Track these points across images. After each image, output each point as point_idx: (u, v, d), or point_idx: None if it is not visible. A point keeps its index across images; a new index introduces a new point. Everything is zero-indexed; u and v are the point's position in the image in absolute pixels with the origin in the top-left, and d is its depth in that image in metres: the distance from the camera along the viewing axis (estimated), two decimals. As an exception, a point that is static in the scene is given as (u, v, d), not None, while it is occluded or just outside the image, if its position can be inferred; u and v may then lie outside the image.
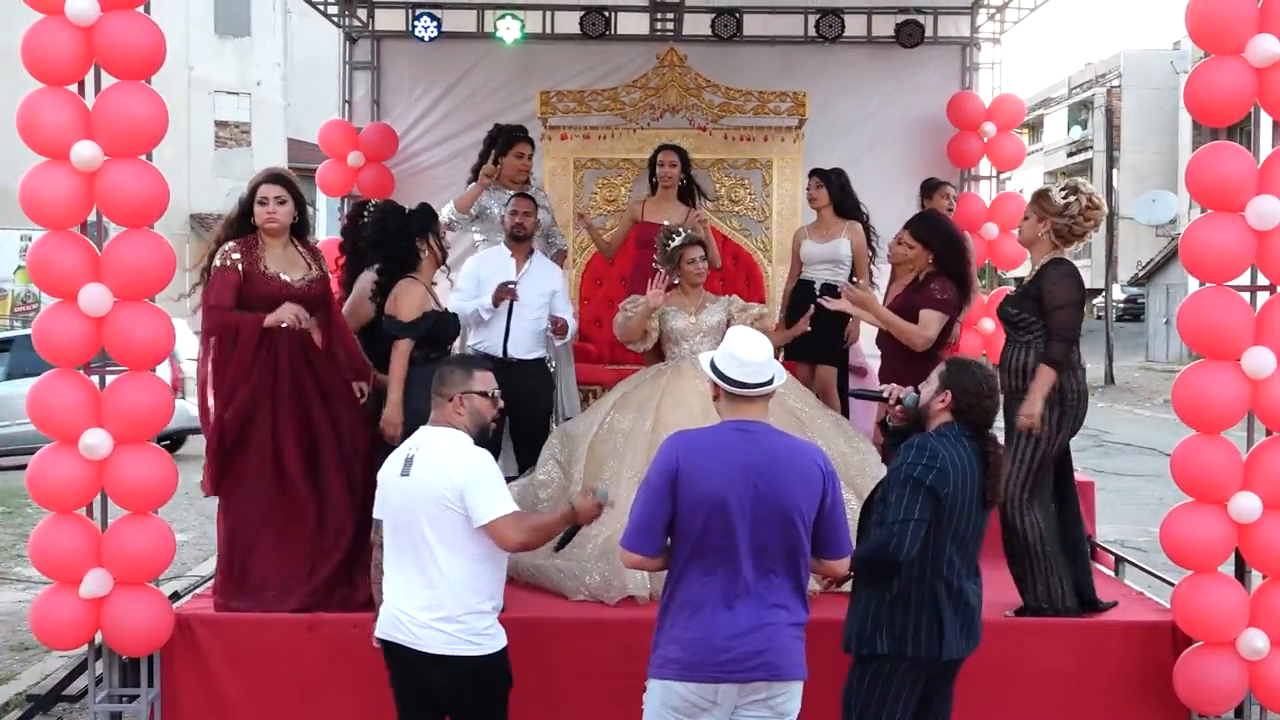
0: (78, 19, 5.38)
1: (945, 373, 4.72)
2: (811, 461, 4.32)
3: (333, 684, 5.85)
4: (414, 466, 4.64)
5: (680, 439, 4.37)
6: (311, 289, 6.12)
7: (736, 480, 4.20)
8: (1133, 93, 47.59)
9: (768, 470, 4.22)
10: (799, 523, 4.23)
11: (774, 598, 4.24)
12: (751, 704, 4.25)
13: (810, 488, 4.26)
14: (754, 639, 4.20)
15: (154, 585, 5.93)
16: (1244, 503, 5.55)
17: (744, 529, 4.19)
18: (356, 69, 10.85)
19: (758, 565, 4.22)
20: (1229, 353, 5.56)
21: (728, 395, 4.36)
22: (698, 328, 6.96)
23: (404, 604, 4.63)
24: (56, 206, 5.50)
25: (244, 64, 34.41)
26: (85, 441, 5.50)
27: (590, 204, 9.40)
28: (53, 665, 7.80)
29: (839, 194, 8.18)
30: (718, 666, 4.20)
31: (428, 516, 4.59)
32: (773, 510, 4.20)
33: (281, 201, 6.07)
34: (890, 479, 4.60)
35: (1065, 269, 5.99)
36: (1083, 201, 5.96)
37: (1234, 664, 5.63)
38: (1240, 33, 5.43)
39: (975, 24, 10.76)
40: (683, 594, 4.27)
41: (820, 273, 8.15)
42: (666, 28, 10.52)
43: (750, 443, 4.27)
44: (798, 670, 4.31)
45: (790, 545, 4.24)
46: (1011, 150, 10.63)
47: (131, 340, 5.58)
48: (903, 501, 4.48)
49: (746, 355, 4.34)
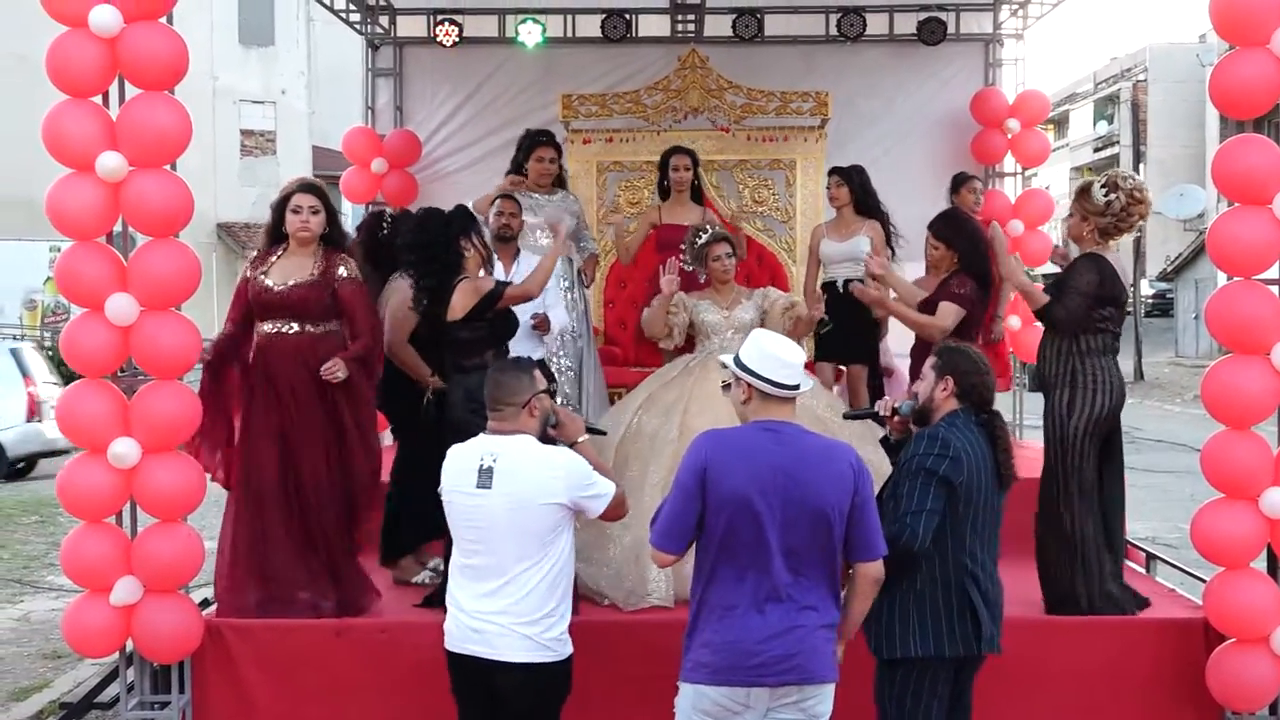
0: (101, 31, 5.41)
1: (938, 362, 4.71)
2: (843, 460, 4.28)
3: (361, 689, 5.87)
4: (495, 479, 4.58)
5: (710, 437, 4.35)
6: (292, 294, 6.09)
7: (765, 480, 4.17)
8: (1159, 87, 47.31)
9: (797, 470, 4.19)
10: (831, 523, 4.19)
11: (805, 599, 4.21)
12: (783, 706, 4.22)
13: (841, 486, 4.22)
14: (785, 642, 4.17)
15: (184, 592, 5.96)
16: (1275, 497, 5.51)
17: (773, 530, 4.16)
18: (379, 76, 10.88)
19: (788, 566, 4.19)
20: (1258, 346, 5.52)
21: (761, 396, 4.32)
22: (730, 323, 6.98)
23: (483, 614, 4.60)
24: (82, 217, 5.53)
25: (268, 73, 34.60)
26: (114, 450, 5.53)
27: (613, 206, 9.39)
28: (85, 673, 7.84)
29: (860, 192, 8.16)
30: (749, 670, 4.18)
31: (517, 526, 4.57)
32: (803, 510, 4.17)
33: (315, 211, 6.13)
34: (901, 471, 4.57)
35: (1091, 262, 5.97)
36: (1123, 199, 5.94)
37: (1268, 660, 5.58)
38: (1266, 24, 5.40)
39: (998, 20, 10.71)
40: (713, 597, 4.25)
41: (841, 271, 8.13)
42: (688, 29, 10.51)
43: (779, 443, 4.25)
44: (829, 672, 4.28)
45: (821, 546, 4.21)
46: (1036, 146, 10.57)
47: (158, 349, 5.61)
48: (914, 493, 4.46)
49: (788, 357, 4.33)
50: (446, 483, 4.75)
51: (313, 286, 6.10)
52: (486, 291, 6.18)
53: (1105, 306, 5.99)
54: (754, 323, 6.98)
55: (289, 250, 6.18)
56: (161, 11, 5.60)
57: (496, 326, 6.27)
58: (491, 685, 4.65)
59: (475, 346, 6.18)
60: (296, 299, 6.09)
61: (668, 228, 8.30)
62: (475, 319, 6.14)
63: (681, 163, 8.39)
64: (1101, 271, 5.95)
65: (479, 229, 6.49)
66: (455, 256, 6.26)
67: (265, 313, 6.14)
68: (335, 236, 6.28)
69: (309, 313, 6.11)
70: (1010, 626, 5.84)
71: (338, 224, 6.32)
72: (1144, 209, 5.98)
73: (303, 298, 6.09)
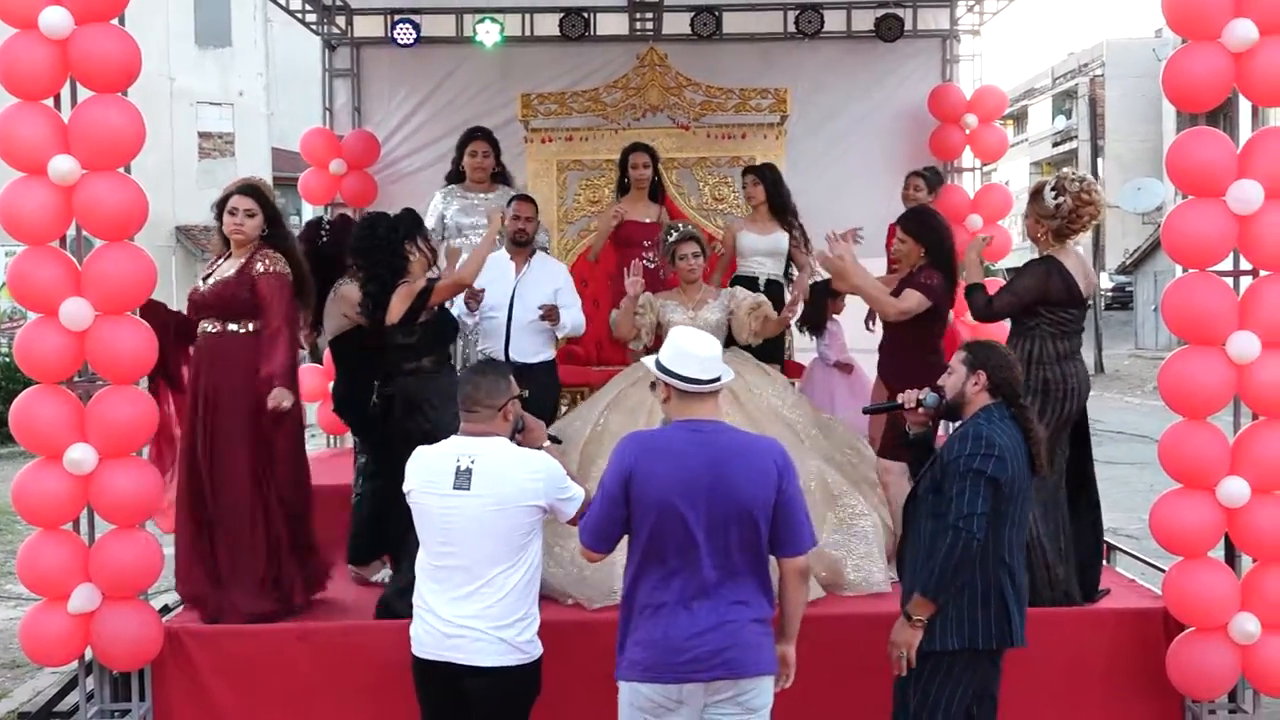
0: (51, 32, 5.36)
1: (969, 357, 4.73)
2: (766, 456, 4.27)
3: (324, 693, 5.85)
4: (474, 480, 4.56)
5: (633, 440, 4.37)
6: (210, 292, 6.13)
7: (687, 480, 4.18)
8: (1116, 81, 47.66)
9: (720, 468, 4.19)
10: (756, 519, 4.20)
11: (735, 595, 4.22)
12: (720, 702, 4.23)
13: (765, 482, 4.22)
14: (715, 637, 4.18)
15: (143, 599, 5.91)
16: (1232, 487, 5.56)
17: (699, 528, 4.16)
18: (337, 76, 10.84)
19: (716, 564, 4.19)
20: (1213, 338, 5.57)
21: (679, 394, 4.32)
22: (696, 323, 6.94)
23: (459, 619, 4.58)
24: (35, 221, 5.48)
25: (226, 74, 34.31)
26: (70, 456, 5.49)
27: (574, 205, 9.38)
28: (44, 682, 7.77)
29: (773, 190, 8.09)
30: (679, 666, 4.19)
31: (494, 528, 4.55)
32: (728, 508, 4.17)
33: (250, 214, 6.14)
34: (949, 472, 4.55)
35: (1040, 265, 6.03)
36: (1070, 201, 5.97)
37: (1226, 649, 5.63)
38: (1217, 17, 5.44)
39: (954, 16, 10.78)
40: (642, 596, 4.27)
41: (763, 265, 8.06)
42: (646, 27, 10.52)
43: (702, 442, 4.24)
44: (764, 666, 4.28)
45: (749, 542, 4.21)
46: (993, 141, 10.64)
47: (114, 354, 5.56)
48: (965, 494, 4.48)
49: (700, 352, 4.31)
50: (415, 484, 4.71)
51: (228, 284, 6.11)
52: (418, 291, 6.16)
53: (1063, 308, 6.01)
54: (720, 323, 7.01)
55: (233, 253, 6.22)
56: (113, 13, 5.55)
57: (433, 330, 6.25)
58: (461, 690, 4.62)
59: (412, 351, 6.18)
60: (215, 297, 6.12)
61: (627, 225, 8.31)
62: (410, 322, 6.13)
63: (640, 160, 8.40)
64: (1049, 278, 5.97)
65: (424, 232, 6.48)
66: (400, 261, 6.25)
67: (196, 312, 6.20)
68: (276, 238, 6.25)
69: (230, 311, 6.11)
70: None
71: (279, 225, 6.30)
72: (1094, 209, 6.02)
73: (218, 294, 6.11)
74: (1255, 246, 5.56)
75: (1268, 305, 5.53)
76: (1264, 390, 5.56)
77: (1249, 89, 5.58)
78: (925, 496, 4.62)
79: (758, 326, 7.10)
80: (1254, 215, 5.46)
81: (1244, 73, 5.49)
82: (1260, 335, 5.50)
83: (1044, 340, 5.99)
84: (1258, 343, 5.49)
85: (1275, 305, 5.53)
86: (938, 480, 4.60)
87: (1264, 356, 5.51)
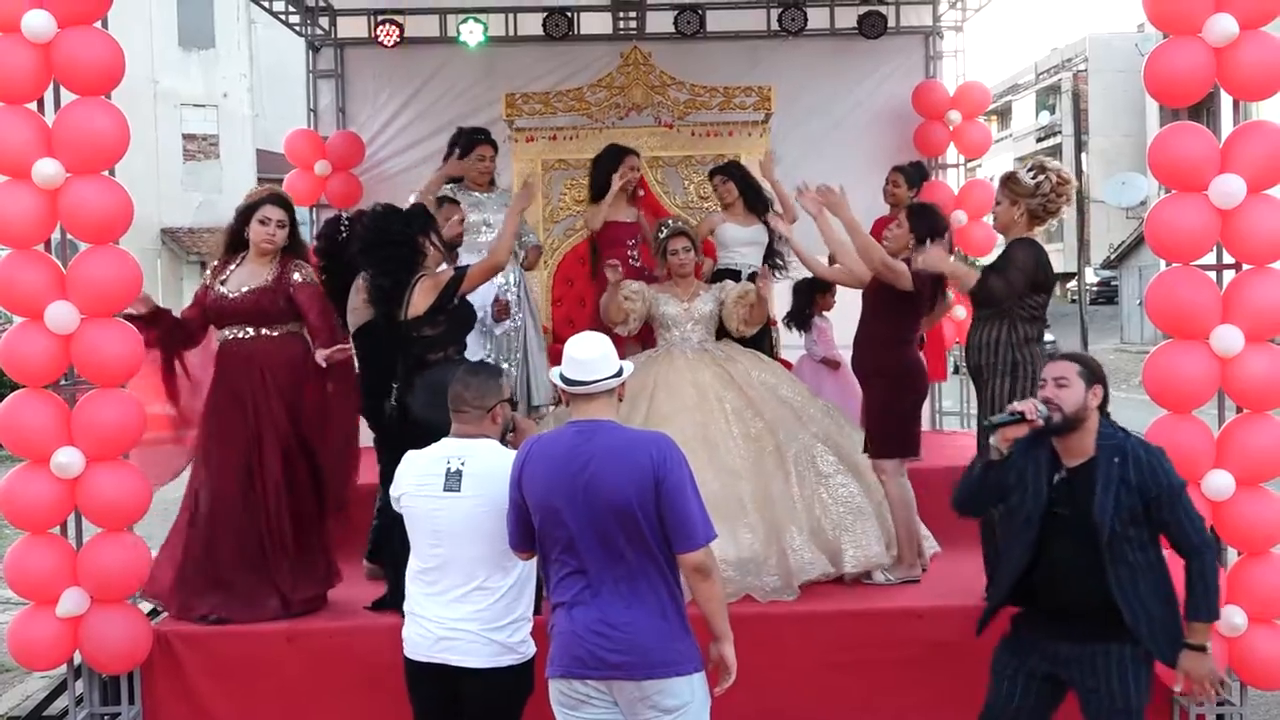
0: (34, 36, 5.35)
1: (1085, 371, 4.70)
2: (643, 453, 4.21)
3: (314, 694, 5.85)
4: (465, 482, 4.57)
5: (528, 443, 4.41)
6: (245, 300, 6.17)
7: (565, 481, 4.20)
8: (1099, 77, 47.80)
9: (595, 467, 4.19)
10: (636, 515, 4.15)
11: (632, 595, 4.19)
12: (634, 701, 4.22)
13: (639, 479, 4.16)
14: (614, 638, 4.16)
15: (132, 602, 5.90)
16: (1217, 480, 5.59)
17: (577, 528, 4.18)
18: (321, 77, 10.82)
19: (607, 564, 4.19)
20: (1197, 332, 5.59)
21: (571, 397, 4.37)
22: (690, 315, 7.14)
23: (452, 621, 4.59)
24: (19, 225, 5.47)
25: (210, 76, 34.25)
26: (57, 460, 5.48)
27: (559, 205, 9.37)
28: (33, 686, 7.76)
29: (743, 185, 8.11)
30: (582, 662, 4.21)
31: (485, 531, 4.55)
32: (605, 505, 4.16)
33: (282, 225, 6.25)
34: (1166, 499, 4.55)
35: (1027, 244, 6.00)
36: (1052, 179, 5.98)
37: (1214, 641, 5.65)
38: (1198, 13, 5.47)
39: (937, 13, 10.79)
40: (551, 593, 4.33)
41: (745, 256, 8.09)
42: (630, 26, 10.52)
43: (584, 441, 4.26)
44: (669, 666, 4.20)
45: (636, 539, 4.17)
46: (977, 137, 10.67)
47: (100, 357, 5.56)
48: (1190, 511, 4.61)
49: (578, 354, 4.34)
50: (405, 487, 4.72)
51: (266, 291, 6.18)
52: (447, 281, 6.13)
53: (1039, 294, 6.02)
54: (713, 314, 7.19)
55: (248, 258, 6.26)
56: (96, 15, 5.55)
57: (457, 319, 6.23)
58: (454, 691, 4.64)
59: (437, 342, 6.14)
60: (250, 304, 6.17)
61: (611, 226, 8.34)
62: (438, 312, 6.10)
63: (636, 164, 8.45)
64: (1038, 255, 5.98)
65: (436, 226, 6.44)
66: (414, 255, 6.19)
67: (221, 319, 6.23)
68: (294, 248, 6.36)
69: (265, 318, 6.19)
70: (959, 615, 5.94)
71: (298, 236, 6.41)
72: (1069, 189, 6.02)
73: (256, 303, 6.17)
74: (1238, 240, 5.58)
75: (1251, 299, 5.56)
76: (1248, 383, 5.59)
77: (1230, 84, 5.60)
78: (1123, 534, 4.54)
79: (745, 313, 7.17)
80: (1236, 209, 5.49)
81: (1225, 67, 5.51)
82: (1244, 329, 5.52)
83: (1014, 323, 5.98)
84: (1241, 336, 5.52)
85: (1258, 299, 5.56)
86: (1137, 513, 4.54)
87: (1247, 350, 5.54)
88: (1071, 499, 4.62)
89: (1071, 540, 4.61)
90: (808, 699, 5.90)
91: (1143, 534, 4.58)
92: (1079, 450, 4.65)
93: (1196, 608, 4.56)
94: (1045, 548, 4.68)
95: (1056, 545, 4.66)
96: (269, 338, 6.22)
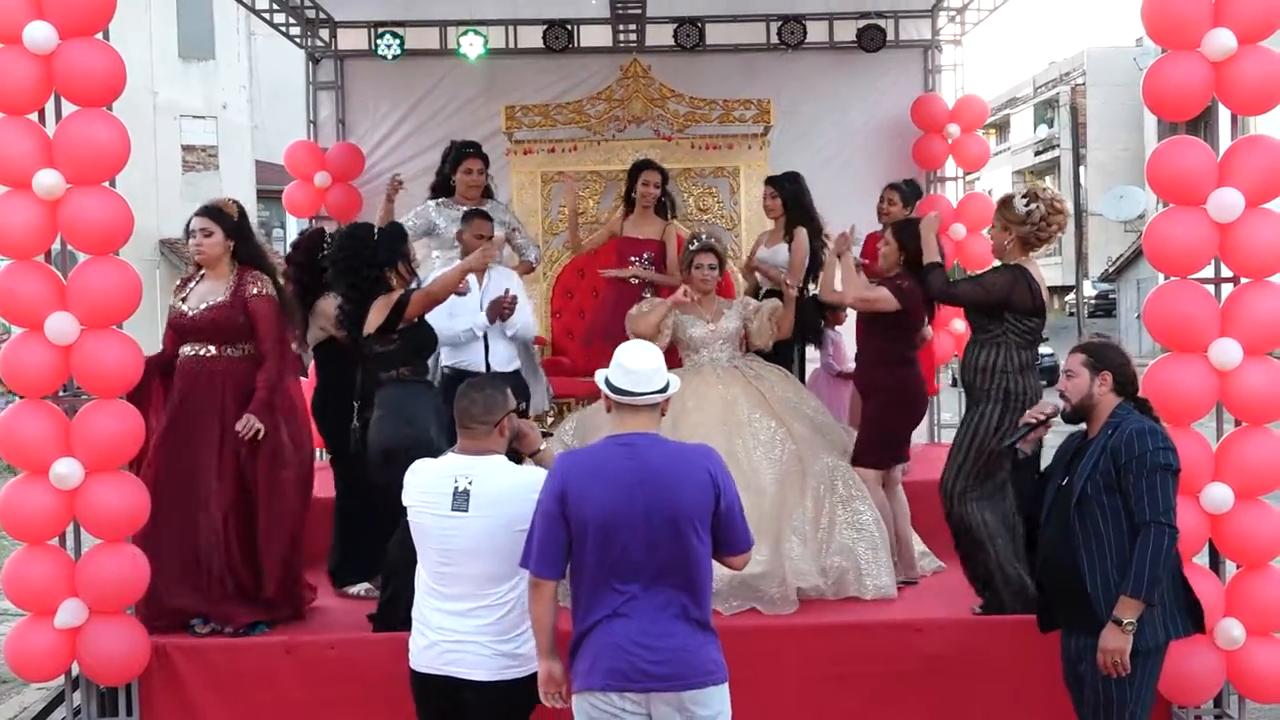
0: (36, 47, 5.36)
1: (1089, 360, 4.84)
2: (700, 467, 4.27)
3: (312, 707, 5.83)
4: (473, 502, 4.56)
5: (566, 460, 4.39)
6: (203, 317, 6.12)
7: (622, 496, 4.19)
8: (1097, 90, 47.85)
9: (654, 482, 4.20)
10: (692, 531, 4.19)
11: (674, 608, 4.22)
12: (670, 713, 4.22)
13: (701, 493, 4.23)
14: (657, 650, 4.18)
15: (130, 613, 5.89)
16: (1216, 493, 5.59)
17: (636, 544, 4.17)
18: (321, 89, 10.84)
19: (656, 577, 4.20)
20: (1195, 345, 5.60)
21: (617, 406, 4.35)
22: (717, 334, 7.09)
23: (458, 634, 4.60)
24: (20, 236, 5.47)
25: (210, 87, 34.23)
26: (56, 471, 5.47)
27: (558, 218, 9.38)
28: (31, 698, 7.73)
29: (790, 201, 8.08)
30: (624, 675, 4.19)
31: (493, 548, 4.56)
32: (663, 521, 4.17)
33: (207, 234, 6.15)
34: (1132, 469, 4.62)
35: (1010, 271, 6.01)
36: (1043, 209, 5.98)
37: (1211, 654, 5.65)
38: (1196, 27, 5.48)
39: (936, 27, 10.82)
40: (588, 610, 4.28)
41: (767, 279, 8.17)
42: (629, 39, 10.55)
43: (633, 456, 4.25)
44: (707, 676, 4.25)
45: (684, 554, 4.20)
46: (976, 151, 10.70)
47: (100, 368, 5.56)
48: (1157, 490, 4.60)
49: (632, 364, 4.33)
50: (414, 500, 4.71)
51: (223, 308, 6.13)
52: (395, 301, 6.12)
53: (1032, 318, 6.03)
54: (739, 331, 7.14)
55: (205, 274, 6.23)
56: (98, 27, 5.56)
57: (411, 339, 6.21)
58: (459, 702, 4.64)
59: (388, 360, 6.13)
60: (207, 322, 6.12)
61: (627, 241, 8.35)
62: (388, 331, 6.10)
63: (653, 179, 8.45)
64: (1015, 283, 5.97)
65: (407, 251, 6.37)
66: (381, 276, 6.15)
67: (183, 337, 6.18)
68: (246, 254, 6.28)
69: (225, 335, 6.14)
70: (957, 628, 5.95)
71: (247, 241, 6.31)
72: (1063, 219, 6.04)
73: (212, 320, 6.12)
74: (1236, 254, 5.59)
75: (1249, 312, 5.57)
76: (1246, 397, 5.60)
77: (1228, 98, 5.61)
78: (1095, 498, 4.67)
79: (775, 331, 7.18)
80: (1234, 223, 5.50)
81: (1223, 81, 5.53)
82: (1242, 342, 5.53)
83: (1009, 349, 6.00)
84: (1239, 350, 5.52)
85: (1256, 312, 5.57)
86: (1110, 479, 4.65)
87: (1245, 363, 5.54)
88: (1070, 471, 4.83)
89: (1061, 513, 4.78)
90: (805, 712, 5.90)
91: (1117, 504, 4.66)
92: (1094, 430, 4.86)
93: (1128, 581, 4.59)
94: (1047, 527, 4.87)
95: (1052, 522, 4.84)
96: (230, 358, 6.15)
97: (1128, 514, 4.65)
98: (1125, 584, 4.58)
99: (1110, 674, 4.63)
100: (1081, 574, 4.68)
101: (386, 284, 6.16)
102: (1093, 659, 4.66)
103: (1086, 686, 4.77)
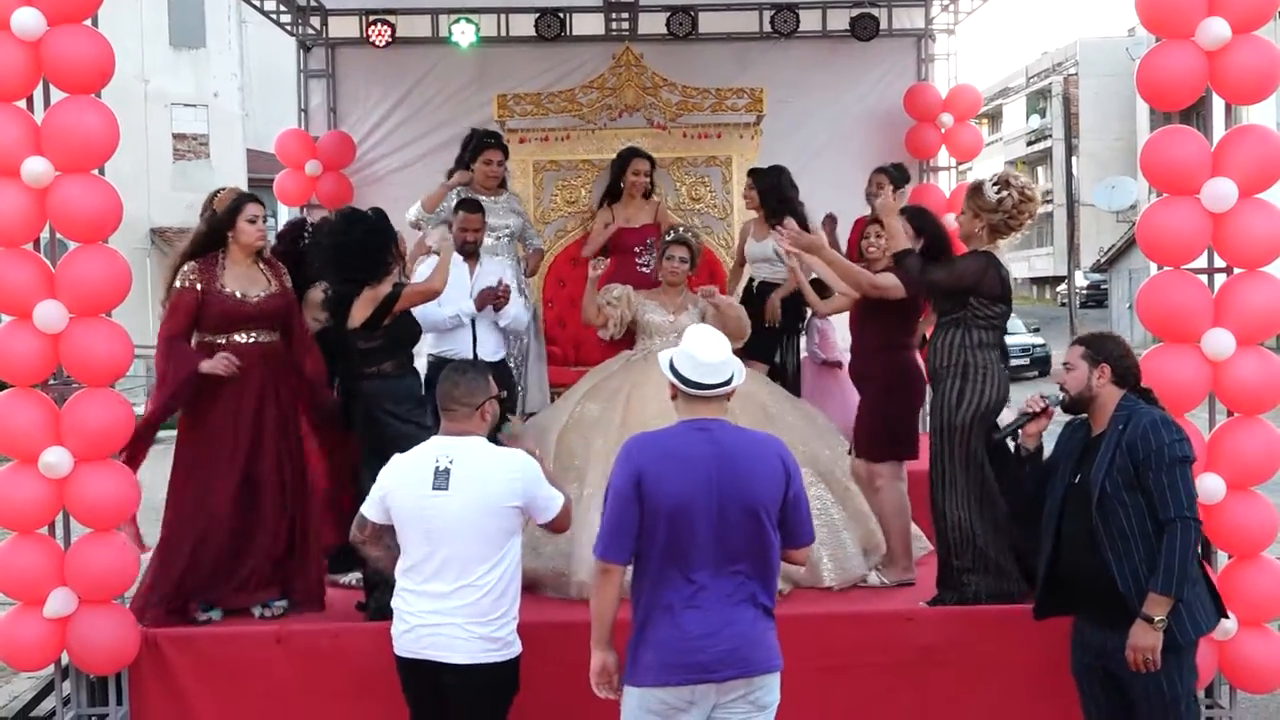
0: (23, 33, 5.33)
1: (1088, 352, 4.88)
2: (774, 454, 4.30)
3: (303, 695, 5.81)
4: (453, 480, 4.58)
5: (639, 442, 4.34)
6: (268, 304, 6.15)
7: (699, 481, 4.17)
8: (1090, 80, 47.90)
9: (730, 468, 4.20)
10: (764, 517, 4.22)
11: (742, 594, 4.23)
12: (731, 700, 4.23)
13: (774, 481, 4.25)
14: (726, 637, 4.18)
15: (119, 602, 5.87)
16: (1208, 484, 5.58)
17: (709, 529, 4.17)
18: (312, 77, 10.81)
19: (726, 563, 4.20)
20: (1188, 335, 5.60)
21: (685, 396, 4.33)
22: (674, 327, 7.00)
23: (438, 616, 4.60)
24: (8, 224, 5.45)
25: (200, 75, 34.15)
26: (45, 460, 5.45)
27: (550, 206, 9.36)
28: (20, 687, 7.73)
29: (767, 194, 8.06)
30: (692, 668, 4.18)
31: (477, 527, 4.57)
32: (738, 507, 4.18)
33: (265, 220, 6.24)
34: (1150, 464, 4.62)
35: (981, 257, 5.97)
36: (1015, 196, 5.92)
37: (1203, 645, 5.64)
38: (1190, 16, 5.47)
39: (929, 16, 10.81)
40: (653, 598, 4.25)
41: (760, 270, 8.19)
42: (622, 27, 10.52)
43: (710, 441, 4.25)
44: (772, 662, 4.30)
45: (756, 540, 4.22)
46: (969, 140, 10.69)
47: (89, 356, 5.54)
48: (1179, 484, 4.61)
49: (704, 356, 4.31)
50: (392, 485, 4.72)
51: (277, 297, 6.21)
52: (384, 296, 6.10)
53: (997, 304, 5.99)
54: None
55: (231, 259, 6.15)
56: (86, 14, 5.53)
57: (396, 333, 6.20)
58: (441, 686, 4.65)
59: (373, 356, 6.12)
60: (272, 310, 6.17)
61: (626, 232, 8.38)
62: (373, 326, 6.09)
63: (643, 167, 8.49)
64: (987, 269, 5.92)
65: (395, 244, 6.33)
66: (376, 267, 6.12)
67: (236, 325, 6.11)
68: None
69: (281, 322, 6.24)
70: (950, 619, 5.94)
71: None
72: (1033, 207, 6.01)
73: (276, 309, 6.19)
74: (1229, 244, 5.59)
75: (1242, 302, 5.57)
76: (1239, 387, 5.60)
77: (1222, 87, 5.61)
78: (1115, 495, 4.66)
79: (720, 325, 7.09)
80: (1228, 213, 5.50)
81: (1217, 71, 5.52)
82: (1235, 332, 5.53)
83: (968, 329, 5.95)
84: (1232, 340, 5.53)
85: (1249, 302, 5.57)
86: (1130, 476, 4.65)
87: (1239, 353, 5.55)
88: (1083, 468, 4.83)
89: (1079, 511, 4.76)
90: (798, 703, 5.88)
91: (1139, 500, 4.66)
92: (1100, 423, 4.86)
93: (1156, 578, 4.59)
94: (1063, 523, 4.87)
95: (1068, 519, 4.83)
96: (275, 344, 6.23)
97: (1150, 509, 4.65)
98: (1154, 581, 4.58)
99: (1140, 670, 4.63)
100: (1110, 572, 4.67)
101: (378, 272, 6.13)
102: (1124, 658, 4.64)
103: (1131, 686, 4.73)
